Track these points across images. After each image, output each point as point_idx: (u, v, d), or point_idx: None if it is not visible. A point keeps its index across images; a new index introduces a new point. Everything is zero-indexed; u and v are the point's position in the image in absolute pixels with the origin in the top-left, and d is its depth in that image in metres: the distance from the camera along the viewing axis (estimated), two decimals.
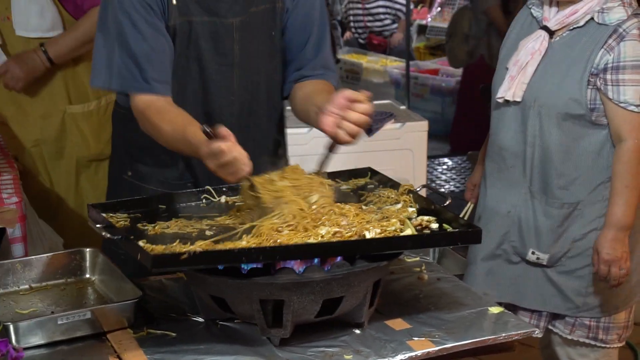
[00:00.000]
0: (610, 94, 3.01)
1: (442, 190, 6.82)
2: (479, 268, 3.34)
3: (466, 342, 2.32)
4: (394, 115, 4.77)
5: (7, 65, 3.69)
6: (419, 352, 2.26)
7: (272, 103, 2.89)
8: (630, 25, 3.01)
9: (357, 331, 2.35)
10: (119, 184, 2.92)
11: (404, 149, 4.68)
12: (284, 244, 2.22)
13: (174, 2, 2.63)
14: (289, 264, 2.24)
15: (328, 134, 2.41)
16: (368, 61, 8.99)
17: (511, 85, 3.17)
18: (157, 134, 2.57)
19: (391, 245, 2.29)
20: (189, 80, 2.72)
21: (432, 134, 5.13)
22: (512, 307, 3.16)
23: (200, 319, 2.40)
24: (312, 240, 2.25)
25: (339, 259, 2.24)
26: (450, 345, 2.30)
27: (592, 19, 3.07)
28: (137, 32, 2.59)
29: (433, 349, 2.27)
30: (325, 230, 2.30)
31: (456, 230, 2.39)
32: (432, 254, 4.27)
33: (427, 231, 2.41)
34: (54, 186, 3.91)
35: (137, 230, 2.39)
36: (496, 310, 2.49)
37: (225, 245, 2.25)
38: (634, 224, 3.12)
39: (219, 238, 2.28)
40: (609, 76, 3.01)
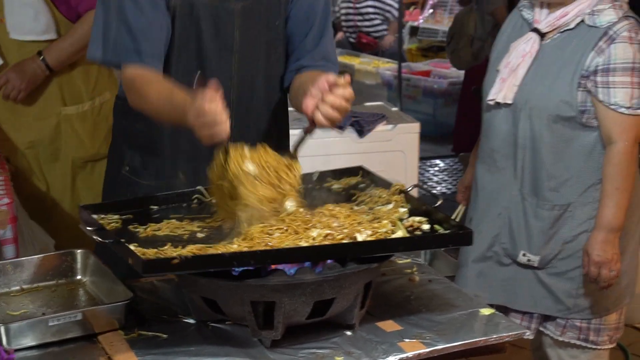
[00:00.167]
0: (601, 96, 3.02)
1: (434, 192, 6.82)
2: (470, 270, 3.35)
3: (457, 344, 2.32)
4: (385, 117, 4.78)
5: (7, 76, 3.69)
6: (410, 354, 2.26)
7: (271, 92, 2.87)
8: (620, 28, 3.02)
9: (348, 333, 2.34)
10: (116, 179, 2.92)
11: (396, 151, 4.68)
12: (275, 247, 2.22)
13: None
14: (280, 265, 2.24)
15: (307, 116, 2.38)
16: (360, 63, 8.99)
17: (502, 88, 3.18)
18: (144, 102, 2.56)
19: (382, 248, 2.29)
20: (186, 62, 2.71)
21: (424, 136, 5.12)
22: (503, 309, 3.16)
23: (191, 321, 2.40)
24: (304, 242, 2.25)
25: (330, 261, 2.24)
26: (441, 347, 2.30)
27: (582, 21, 3.07)
28: (136, 7, 2.59)
29: (424, 350, 2.27)
30: (316, 233, 2.30)
31: (447, 232, 2.39)
32: (423, 256, 4.28)
33: (418, 232, 2.41)
34: (50, 187, 3.91)
35: (129, 233, 2.39)
36: (487, 311, 2.49)
37: (217, 249, 2.25)
38: (625, 226, 3.12)
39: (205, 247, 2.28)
40: (599, 78, 3.02)
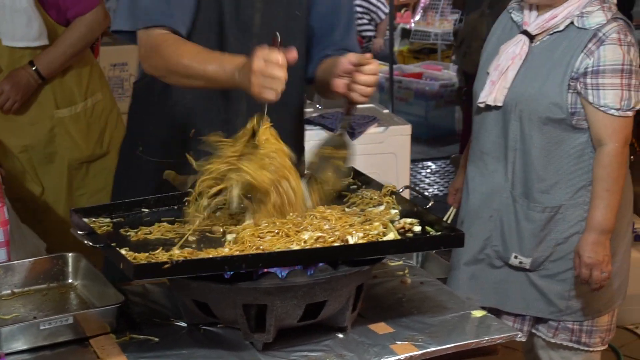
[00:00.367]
0: (591, 97, 3.02)
1: (426, 194, 6.82)
2: (462, 273, 3.35)
3: (449, 346, 2.32)
4: (377, 119, 4.78)
5: (1, 87, 3.68)
6: (402, 356, 2.26)
7: (290, 80, 2.88)
8: (609, 30, 3.03)
9: (340, 335, 2.34)
10: (130, 161, 2.94)
11: (387, 153, 4.69)
12: (266, 250, 2.22)
13: None
14: (271, 268, 2.24)
15: (342, 95, 2.53)
16: None
17: (492, 90, 3.18)
18: (171, 63, 2.50)
19: (374, 251, 2.29)
20: (206, 44, 2.65)
21: (416, 138, 5.13)
22: (495, 312, 3.15)
23: (183, 324, 2.40)
24: (295, 245, 2.25)
25: (321, 264, 2.24)
26: (433, 349, 2.30)
27: (571, 23, 3.07)
28: None
29: (416, 352, 2.28)
30: (307, 235, 2.30)
31: (439, 234, 2.39)
32: (415, 258, 4.28)
33: (409, 234, 2.41)
34: (45, 190, 3.90)
35: (120, 236, 2.39)
36: (479, 314, 2.50)
37: (208, 252, 2.25)
38: (615, 228, 3.13)
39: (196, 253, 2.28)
40: (589, 80, 3.02)
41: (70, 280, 2.61)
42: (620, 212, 3.14)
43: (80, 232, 2.36)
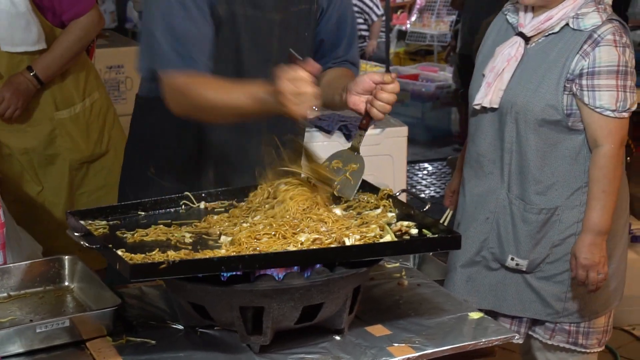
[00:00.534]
0: (586, 99, 3.02)
1: (422, 195, 6.83)
2: (458, 275, 3.34)
3: (446, 348, 2.32)
4: (373, 121, 4.77)
5: (2, 95, 3.67)
6: (399, 358, 2.26)
7: None
8: (605, 31, 3.02)
9: (337, 337, 2.34)
10: (138, 180, 2.90)
11: (384, 155, 4.68)
12: (263, 251, 2.22)
13: None
14: (268, 270, 2.24)
15: (359, 110, 2.59)
16: None
17: (488, 92, 3.18)
18: (198, 103, 2.49)
19: (371, 252, 2.29)
20: (224, 72, 2.66)
21: (412, 139, 5.13)
22: (492, 314, 3.15)
23: (179, 327, 2.40)
24: (292, 247, 2.25)
25: (318, 266, 2.24)
26: (430, 351, 2.30)
27: (567, 24, 3.07)
28: (187, 15, 2.56)
29: (413, 354, 2.28)
30: (304, 237, 2.30)
31: (436, 236, 2.39)
32: (412, 260, 4.27)
33: (406, 237, 2.41)
34: (45, 191, 3.91)
35: (117, 238, 2.39)
36: (476, 315, 2.50)
37: (205, 253, 2.25)
38: (612, 229, 3.13)
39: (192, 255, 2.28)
40: (584, 81, 3.02)
41: (66, 283, 2.61)
42: (617, 214, 3.14)
43: (76, 234, 2.36)
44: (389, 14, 9.04)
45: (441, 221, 2.59)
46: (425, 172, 7.61)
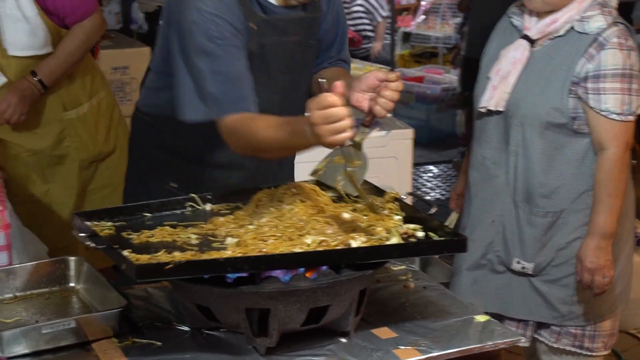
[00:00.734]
0: (592, 102, 3.02)
1: (428, 198, 6.82)
2: (464, 278, 3.34)
3: (452, 351, 2.32)
4: (379, 123, 4.77)
5: (8, 101, 3.66)
6: None
7: (305, 102, 2.91)
8: (610, 34, 3.02)
9: (343, 340, 2.34)
10: (157, 193, 2.81)
11: (390, 157, 4.68)
12: (269, 253, 2.22)
13: (253, 27, 2.63)
14: (274, 272, 2.24)
15: (362, 108, 2.59)
16: (353, 69, 8.96)
17: (493, 95, 3.18)
18: (251, 141, 2.46)
19: (377, 254, 2.29)
20: (261, 100, 2.63)
21: (418, 142, 5.13)
22: (498, 317, 3.14)
23: (185, 328, 2.40)
24: (298, 249, 2.25)
25: (324, 268, 2.24)
26: (436, 354, 2.30)
27: (572, 28, 3.07)
28: (230, 56, 2.54)
29: (419, 357, 2.28)
30: (311, 239, 2.30)
31: (442, 239, 2.39)
32: (418, 263, 4.27)
33: (412, 240, 2.41)
34: (53, 191, 3.91)
35: (122, 239, 2.39)
36: (482, 318, 2.49)
37: (211, 255, 2.25)
38: (617, 232, 3.12)
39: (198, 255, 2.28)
40: (590, 85, 3.02)
41: (72, 284, 2.61)
42: (622, 217, 3.13)
43: (82, 235, 2.36)
44: (394, 16, 9.02)
45: (446, 224, 2.59)
46: (430, 174, 7.60)
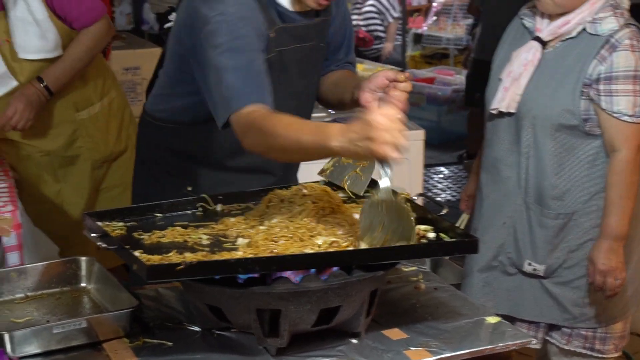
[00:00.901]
0: (604, 104, 3.01)
1: (438, 199, 6.81)
2: (475, 279, 3.34)
3: (463, 352, 2.32)
4: None
5: (15, 107, 3.66)
6: None
7: (312, 104, 2.97)
8: (622, 36, 3.02)
9: (354, 341, 2.34)
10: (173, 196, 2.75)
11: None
12: (280, 254, 2.22)
13: (272, 35, 2.63)
14: (285, 273, 2.23)
15: (370, 108, 2.48)
16: (364, 69, 8.97)
17: (505, 97, 3.17)
18: (268, 138, 2.36)
19: (388, 256, 2.28)
20: (277, 103, 2.58)
21: (428, 143, 5.12)
22: (509, 319, 3.14)
23: (196, 328, 2.40)
24: (309, 250, 2.25)
25: (335, 269, 2.23)
26: (447, 355, 2.29)
27: (584, 29, 3.07)
28: (251, 55, 2.51)
29: (430, 358, 2.27)
30: (321, 240, 2.30)
31: (453, 240, 2.39)
32: (428, 264, 4.26)
33: (424, 241, 2.41)
34: (64, 191, 3.92)
35: (133, 240, 2.39)
36: (493, 320, 2.49)
37: (222, 255, 2.25)
38: (629, 234, 3.12)
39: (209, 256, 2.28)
40: (601, 86, 3.01)
41: (83, 284, 2.61)
42: (634, 219, 3.13)
43: (93, 235, 2.36)
44: (405, 17, 9.02)
45: (457, 225, 2.59)
46: (441, 175, 7.60)
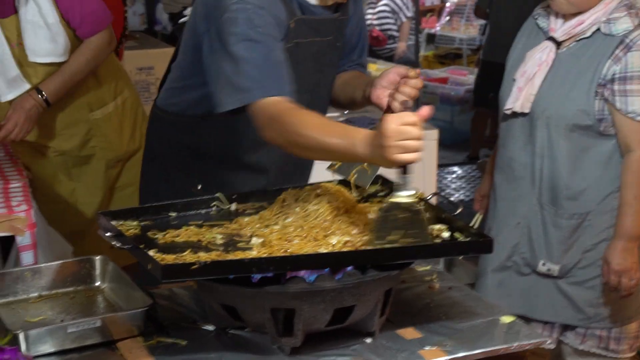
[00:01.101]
0: (618, 104, 3.00)
1: (452, 199, 6.80)
2: (489, 279, 3.33)
3: (478, 352, 2.31)
4: None
5: (15, 120, 3.65)
6: None
7: (327, 103, 2.97)
8: (637, 36, 3.01)
9: (368, 340, 2.34)
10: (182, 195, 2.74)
11: None
12: (294, 253, 2.22)
13: (292, 26, 2.62)
14: (299, 272, 2.23)
15: (381, 105, 2.64)
16: (377, 69, 8.98)
17: (519, 97, 3.17)
18: (293, 133, 2.36)
19: (403, 255, 2.28)
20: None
21: (442, 143, 5.12)
22: (524, 319, 3.12)
23: (210, 328, 2.40)
24: (323, 249, 2.25)
25: (350, 268, 2.23)
26: (461, 355, 2.29)
27: (598, 29, 3.06)
28: (270, 45, 2.50)
29: (444, 358, 2.27)
30: (335, 240, 2.29)
31: (468, 239, 2.38)
32: (442, 263, 4.26)
33: (438, 240, 2.40)
34: (78, 191, 3.93)
35: (148, 239, 2.39)
36: (508, 319, 2.48)
37: (236, 255, 2.25)
38: None
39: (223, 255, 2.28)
40: (616, 87, 3.00)
41: (97, 284, 2.61)
42: None
43: (107, 234, 2.36)
44: (418, 17, 9.02)
45: (471, 225, 2.58)
46: (454, 175, 7.60)
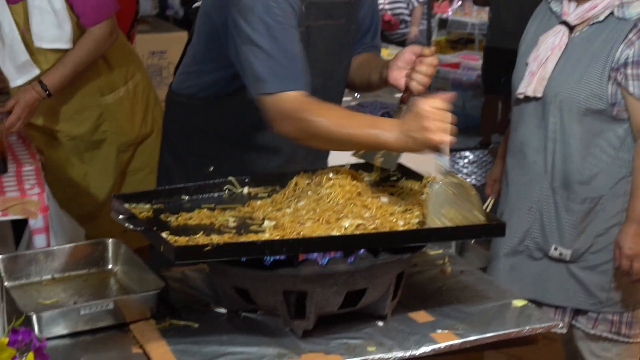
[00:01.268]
0: (631, 88, 2.99)
1: None
2: (501, 264, 3.33)
3: (490, 335, 2.32)
4: (414, 96, 4.75)
5: (17, 114, 3.63)
6: (442, 345, 2.25)
7: (342, 87, 2.97)
8: None
9: (380, 323, 2.34)
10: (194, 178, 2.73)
11: None
12: (307, 236, 2.22)
13: (303, 9, 2.62)
14: (312, 255, 2.24)
15: (399, 86, 2.66)
16: (389, 54, 8.96)
17: (531, 81, 3.16)
18: (313, 127, 2.38)
19: (415, 238, 2.28)
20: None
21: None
22: (536, 304, 3.12)
23: (222, 310, 2.41)
24: (336, 232, 2.25)
25: (362, 251, 2.23)
26: (473, 338, 2.29)
27: (611, 13, 3.05)
28: (288, 35, 2.49)
29: (456, 341, 2.27)
30: (348, 223, 2.29)
31: (480, 223, 2.38)
32: (455, 247, 4.26)
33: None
34: (90, 175, 3.94)
35: (160, 222, 2.40)
36: (520, 303, 2.49)
37: (248, 237, 2.25)
38: None
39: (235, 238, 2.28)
40: (629, 71, 2.99)
41: (110, 266, 2.62)
42: None
43: (121, 217, 2.36)
44: (431, 2, 8.99)
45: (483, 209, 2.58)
46: (466, 160, 7.58)
